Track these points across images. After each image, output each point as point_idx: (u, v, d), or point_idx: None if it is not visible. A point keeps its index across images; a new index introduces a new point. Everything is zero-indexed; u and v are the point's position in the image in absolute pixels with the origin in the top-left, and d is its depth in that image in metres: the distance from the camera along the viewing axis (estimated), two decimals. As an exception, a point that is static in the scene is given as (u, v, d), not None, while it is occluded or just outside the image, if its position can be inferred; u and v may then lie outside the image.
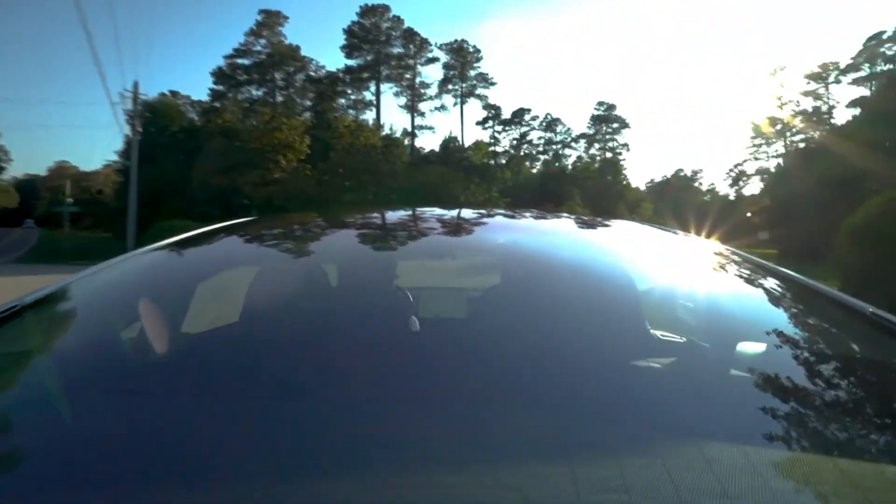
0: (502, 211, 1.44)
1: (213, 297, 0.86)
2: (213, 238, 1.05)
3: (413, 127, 50.77)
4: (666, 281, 0.95)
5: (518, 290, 0.86)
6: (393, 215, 1.24)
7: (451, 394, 0.56)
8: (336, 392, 0.57)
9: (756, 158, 43.15)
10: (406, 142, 46.29)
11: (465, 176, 34.07)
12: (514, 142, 56.31)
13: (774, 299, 0.92)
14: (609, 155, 53.04)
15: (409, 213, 1.25)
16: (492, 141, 56.33)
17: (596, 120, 55.12)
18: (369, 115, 44.20)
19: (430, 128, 57.84)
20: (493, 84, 55.19)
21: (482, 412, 0.52)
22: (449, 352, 0.70)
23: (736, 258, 1.03)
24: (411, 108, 51.83)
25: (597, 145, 54.67)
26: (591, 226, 1.25)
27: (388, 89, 47.65)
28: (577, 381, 0.59)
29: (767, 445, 0.49)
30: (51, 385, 0.60)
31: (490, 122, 57.38)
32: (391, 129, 44.01)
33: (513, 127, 56.90)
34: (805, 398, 0.59)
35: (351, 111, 43.57)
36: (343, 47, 44.62)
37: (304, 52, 41.24)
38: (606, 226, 1.24)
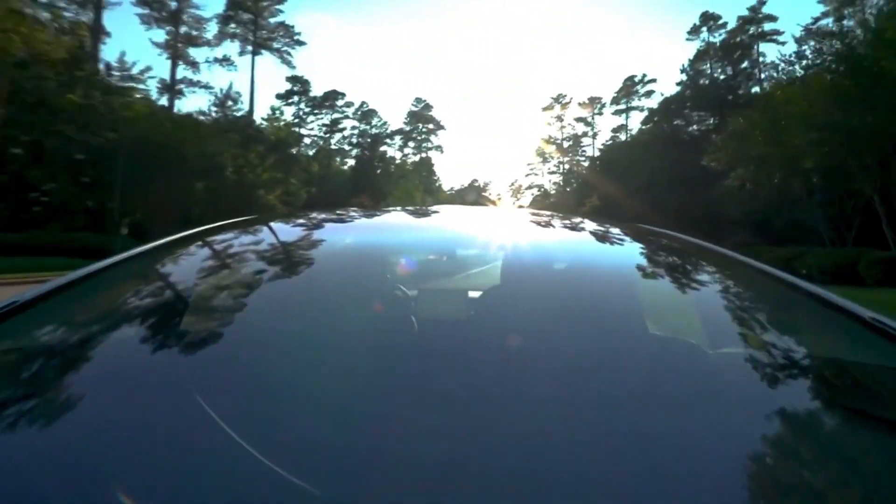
0: (492, 210, 1.55)
1: (212, 297, 0.86)
2: (212, 237, 1.07)
3: (174, 79, 33.93)
4: (668, 283, 0.97)
5: (517, 291, 0.89)
6: (394, 215, 1.34)
7: (449, 393, 0.57)
8: (336, 392, 0.57)
9: (536, 174, 51.31)
10: (164, 100, 29.92)
11: (242, 142, 20.26)
12: (325, 128, 45.38)
13: (771, 303, 0.93)
14: (423, 155, 51.13)
15: (409, 213, 1.37)
16: (296, 121, 43.17)
17: (413, 116, 51.87)
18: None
19: (208, 86, 35.62)
20: (300, 43, 41.65)
21: (480, 411, 0.53)
22: (448, 351, 0.72)
23: (738, 262, 1.04)
24: (174, 52, 34.85)
25: (412, 144, 51.75)
26: (585, 226, 1.28)
27: (122, 6, 30.62)
28: (577, 378, 0.61)
29: (765, 447, 0.51)
30: (46, 383, 0.61)
31: (296, 98, 44.73)
32: (123, 61, 27.09)
33: (323, 111, 46.20)
34: (800, 401, 0.61)
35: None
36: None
37: None
38: (601, 227, 1.27)
